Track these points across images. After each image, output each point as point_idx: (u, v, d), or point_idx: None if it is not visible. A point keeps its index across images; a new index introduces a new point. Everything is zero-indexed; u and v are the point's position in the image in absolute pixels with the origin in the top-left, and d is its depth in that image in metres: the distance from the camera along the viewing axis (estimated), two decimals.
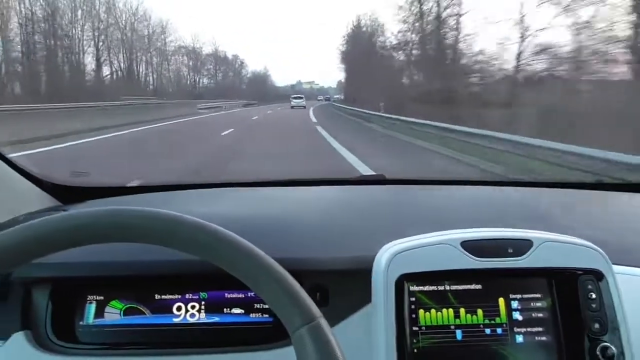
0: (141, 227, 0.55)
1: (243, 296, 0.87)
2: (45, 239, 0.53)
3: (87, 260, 0.82)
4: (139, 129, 15.77)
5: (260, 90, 72.62)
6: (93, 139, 11.89)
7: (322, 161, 8.71)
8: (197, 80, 61.84)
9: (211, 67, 65.29)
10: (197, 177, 6.28)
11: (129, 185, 1.31)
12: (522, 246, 0.80)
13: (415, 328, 0.77)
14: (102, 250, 0.58)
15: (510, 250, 0.79)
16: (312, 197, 1.30)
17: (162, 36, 52.31)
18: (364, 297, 0.80)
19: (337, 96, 72.18)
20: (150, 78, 50.62)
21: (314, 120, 23.43)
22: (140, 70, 48.70)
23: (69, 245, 0.54)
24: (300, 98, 48.10)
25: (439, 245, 0.80)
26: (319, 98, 75.11)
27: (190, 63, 60.33)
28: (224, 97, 46.95)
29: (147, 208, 0.55)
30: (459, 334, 0.78)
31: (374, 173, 1.50)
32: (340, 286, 0.83)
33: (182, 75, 59.42)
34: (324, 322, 0.52)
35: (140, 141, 12.42)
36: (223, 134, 14.48)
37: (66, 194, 1.19)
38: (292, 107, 43.59)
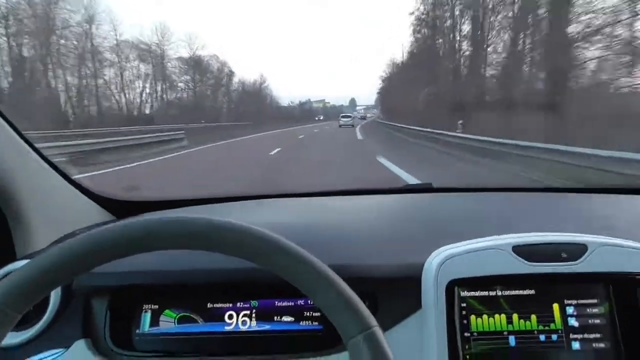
0: (207, 236, 0.57)
1: (293, 304, 0.88)
2: (118, 243, 0.57)
3: (142, 269, 0.86)
4: None
5: (258, 108, 52.33)
6: None
7: None
8: (158, 94, 39.21)
9: (188, 77, 42.80)
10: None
11: (180, 198, 1.34)
12: (576, 250, 0.78)
13: (467, 334, 0.76)
14: (156, 259, 0.61)
15: (564, 255, 0.78)
16: (361, 207, 1.30)
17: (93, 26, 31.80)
18: (413, 303, 0.80)
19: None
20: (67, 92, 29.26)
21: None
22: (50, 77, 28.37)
23: (139, 250, 0.57)
24: (349, 117, 48.08)
25: (489, 250, 0.79)
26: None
27: (142, 69, 37.59)
28: (198, 121, 31.86)
29: (212, 217, 0.58)
30: (512, 340, 0.76)
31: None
32: (390, 292, 0.84)
33: (131, 87, 36.99)
34: (379, 331, 0.53)
35: None
36: None
37: (120, 208, 1.23)
38: (340, 125, 42.86)
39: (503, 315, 0.78)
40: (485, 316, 0.78)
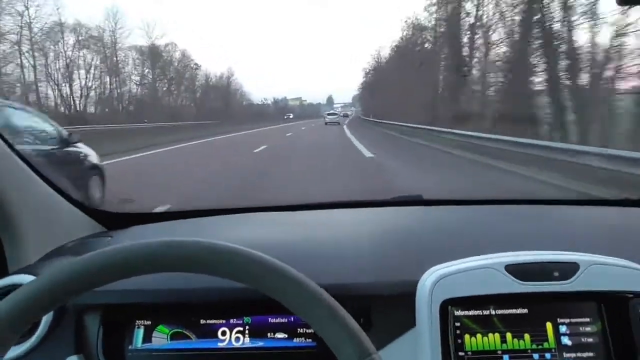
0: (203, 260, 0.57)
1: (286, 321, 0.88)
2: (114, 266, 0.57)
3: (136, 288, 0.84)
4: None
5: (225, 105, 45.25)
6: None
7: None
8: (106, 88, 32.19)
9: (146, 70, 35.65)
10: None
11: (168, 211, 1.33)
12: (568, 269, 0.79)
13: (461, 353, 0.77)
14: (148, 277, 0.60)
15: (556, 274, 0.79)
16: (349, 220, 1.29)
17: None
18: (407, 321, 0.81)
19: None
20: None
21: None
22: None
23: (134, 274, 0.58)
24: (335, 115, 48.18)
25: (482, 270, 0.80)
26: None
27: (89, 58, 31.22)
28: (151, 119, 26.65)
29: (208, 240, 0.58)
30: (506, 359, 0.77)
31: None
32: (384, 310, 0.84)
33: (71, 80, 30.21)
34: (378, 359, 0.53)
35: None
36: None
37: (110, 220, 1.22)
38: (326, 123, 42.33)
39: (497, 335, 0.78)
40: (479, 335, 0.78)
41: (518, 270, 0.79)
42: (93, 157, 5.41)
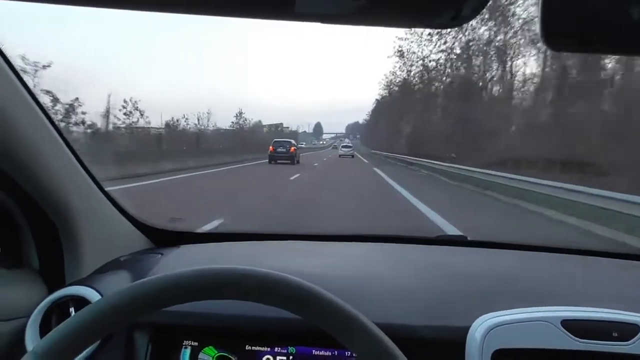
0: (270, 291, 0.58)
1: (330, 354, 0.87)
2: (188, 289, 0.58)
3: (186, 310, 0.84)
4: None
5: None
6: None
7: None
8: None
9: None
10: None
11: (215, 232, 1.36)
12: (627, 330, 0.76)
13: None
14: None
15: (615, 334, 0.76)
16: (393, 256, 1.28)
17: None
18: None
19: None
20: None
21: None
22: None
23: (201, 298, 0.59)
24: (350, 147, 46.29)
25: (537, 322, 0.78)
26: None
27: None
28: None
29: (271, 271, 0.59)
30: None
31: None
32: (431, 354, 0.82)
33: None
34: None
35: None
36: None
37: (160, 238, 1.26)
38: (340, 155, 40.75)
39: None
40: None
41: (575, 327, 0.77)
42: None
